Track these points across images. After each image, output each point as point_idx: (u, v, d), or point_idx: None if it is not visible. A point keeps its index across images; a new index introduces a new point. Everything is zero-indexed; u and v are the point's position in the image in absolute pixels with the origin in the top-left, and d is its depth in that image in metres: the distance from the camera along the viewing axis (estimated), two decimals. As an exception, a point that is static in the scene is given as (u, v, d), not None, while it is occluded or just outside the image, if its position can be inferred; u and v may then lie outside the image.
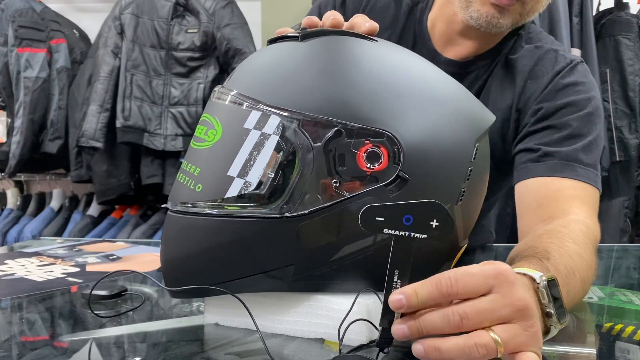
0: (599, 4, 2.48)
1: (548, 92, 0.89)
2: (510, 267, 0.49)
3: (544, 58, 0.92)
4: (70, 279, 0.91)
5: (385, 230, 0.50)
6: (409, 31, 0.99)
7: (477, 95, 0.91)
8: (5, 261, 1.02)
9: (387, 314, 0.51)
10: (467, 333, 0.47)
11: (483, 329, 0.47)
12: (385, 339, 0.52)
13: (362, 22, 0.69)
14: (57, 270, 0.96)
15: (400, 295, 0.49)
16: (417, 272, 0.51)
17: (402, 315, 0.50)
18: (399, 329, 0.50)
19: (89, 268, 0.99)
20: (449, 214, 0.50)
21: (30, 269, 0.97)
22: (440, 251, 0.64)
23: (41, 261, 1.03)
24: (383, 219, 0.50)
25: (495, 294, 0.48)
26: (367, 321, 0.57)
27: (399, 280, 0.50)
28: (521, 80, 0.91)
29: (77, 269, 0.97)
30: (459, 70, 0.93)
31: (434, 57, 0.94)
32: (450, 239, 0.65)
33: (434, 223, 0.50)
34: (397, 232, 0.50)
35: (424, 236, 0.50)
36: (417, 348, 0.48)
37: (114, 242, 1.30)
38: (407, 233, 0.50)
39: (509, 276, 0.48)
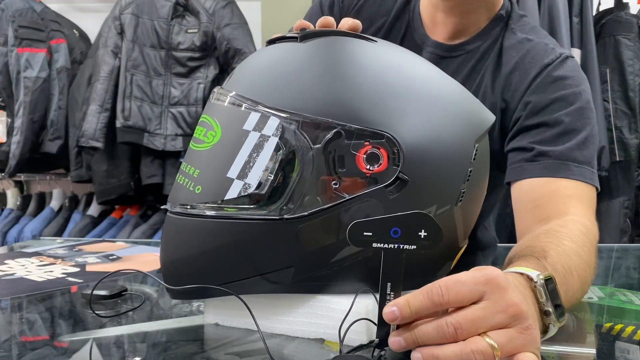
0: (599, 4, 2.48)
1: (537, 85, 0.88)
2: (501, 272, 0.50)
3: (533, 50, 0.91)
4: (70, 279, 0.91)
5: (374, 245, 0.51)
6: (402, 19, 1.01)
7: (466, 82, 0.91)
8: (5, 261, 1.03)
9: (383, 326, 0.51)
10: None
11: (479, 335, 0.47)
12: (383, 347, 0.52)
13: (346, 20, 0.70)
14: (57, 270, 0.96)
15: (394, 307, 0.49)
16: (417, 273, 0.51)
17: (398, 326, 0.50)
18: (395, 341, 0.50)
19: (89, 268, 0.99)
20: (437, 223, 0.51)
21: (30, 269, 0.97)
22: (441, 252, 0.65)
23: (41, 261, 1.03)
24: (371, 234, 0.50)
25: (487, 301, 0.48)
26: (368, 320, 0.57)
27: (392, 292, 0.51)
28: (508, 71, 0.91)
29: (77, 269, 0.98)
30: (445, 53, 0.94)
31: (424, 40, 0.97)
32: (450, 240, 0.65)
33: (422, 233, 0.50)
34: (386, 246, 0.50)
35: (413, 247, 0.51)
36: (415, 357, 0.49)
37: (114, 242, 1.30)
38: (396, 245, 0.50)
39: (500, 282, 0.48)
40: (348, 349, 0.57)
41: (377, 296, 0.52)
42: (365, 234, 0.50)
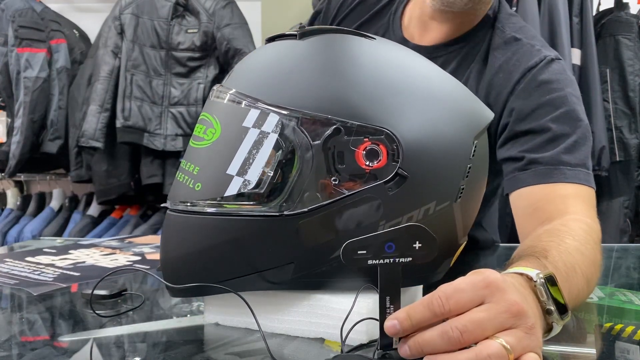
0: (599, 4, 2.47)
1: (521, 90, 0.87)
2: (499, 274, 0.49)
3: (519, 52, 0.90)
4: (137, 265, 0.93)
5: (370, 262, 0.50)
6: (382, 20, 1.01)
7: None
8: (70, 251, 1.06)
9: (385, 338, 0.51)
10: (467, 347, 0.47)
11: (486, 339, 0.47)
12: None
13: None
14: (121, 259, 0.98)
15: (395, 321, 0.49)
16: (418, 270, 0.51)
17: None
18: (403, 349, 0.49)
19: (148, 257, 1.01)
20: (431, 233, 0.50)
21: (96, 258, 0.99)
22: (440, 249, 0.64)
23: (102, 252, 1.06)
24: (365, 252, 0.50)
25: (489, 304, 0.47)
26: (372, 319, 0.57)
27: (391, 305, 0.51)
28: (492, 73, 0.90)
29: (139, 257, 1.00)
30: (426, 55, 0.93)
31: (402, 44, 0.96)
32: (449, 237, 0.65)
33: (417, 245, 0.50)
34: (381, 261, 0.50)
35: (409, 259, 0.50)
36: None
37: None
38: (391, 260, 0.50)
39: (499, 284, 0.48)
40: (348, 349, 0.57)
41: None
42: (359, 252, 0.50)
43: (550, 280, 0.55)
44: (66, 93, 2.45)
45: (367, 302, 0.59)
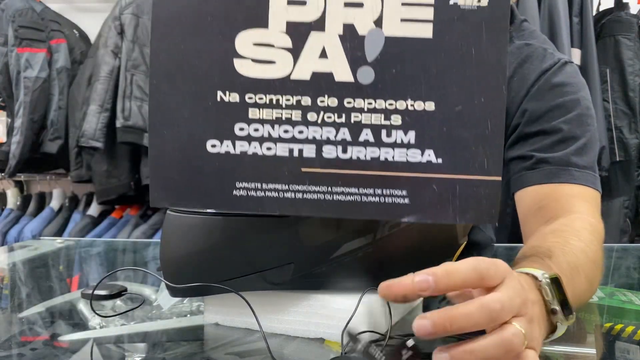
0: (599, 4, 2.48)
1: (535, 92, 0.88)
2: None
3: (532, 56, 0.91)
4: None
5: None
6: None
7: None
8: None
9: None
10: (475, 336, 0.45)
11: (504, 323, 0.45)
12: None
13: None
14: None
15: (428, 277, 0.43)
16: (417, 270, 0.51)
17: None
18: (420, 324, 0.42)
19: None
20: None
21: None
22: (441, 249, 0.64)
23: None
24: None
25: (504, 286, 0.45)
26: (371, 332, 0.57)
27: None
28: (507, 77, 0.91)
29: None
30: None
31: None
32: (449, 237, 0.65)
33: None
34: None
35: None
36: (441, 357, 0.43)
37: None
38: None
39: (512, 272, 0.48)
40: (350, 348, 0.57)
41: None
42: None
43: (555, 281, 0.55)
44: (66, 93, 2.45)
45: (369, 303, 0.59)
